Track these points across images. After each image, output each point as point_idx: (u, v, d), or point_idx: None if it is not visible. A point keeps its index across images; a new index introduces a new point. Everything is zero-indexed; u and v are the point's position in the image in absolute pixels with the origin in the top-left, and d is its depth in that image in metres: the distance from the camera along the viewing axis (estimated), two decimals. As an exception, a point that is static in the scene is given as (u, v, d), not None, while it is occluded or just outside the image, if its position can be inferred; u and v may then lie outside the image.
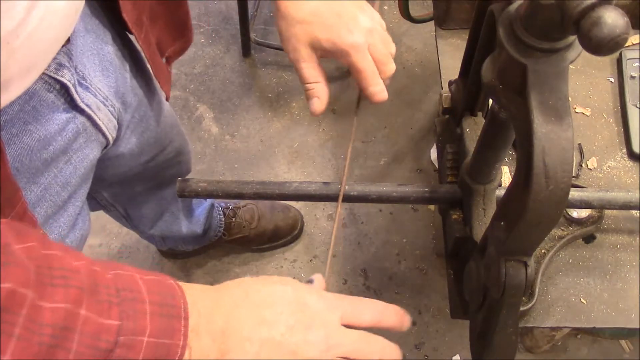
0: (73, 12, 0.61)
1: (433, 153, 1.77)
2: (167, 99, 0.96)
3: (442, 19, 1.08)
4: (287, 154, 1.83)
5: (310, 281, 0.64)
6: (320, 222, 1.72)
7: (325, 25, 0.71)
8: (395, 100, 1.90)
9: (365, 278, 1.64)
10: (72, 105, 0.70)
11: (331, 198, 0.85)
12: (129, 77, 0.84)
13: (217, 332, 0.54)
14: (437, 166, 1.16)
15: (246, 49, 1.95)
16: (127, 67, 0.84)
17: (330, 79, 0.76)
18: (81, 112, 0.71)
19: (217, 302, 0.55)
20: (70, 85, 0.68)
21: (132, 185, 1.13)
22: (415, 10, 1.51)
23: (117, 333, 0.46)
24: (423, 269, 1.65)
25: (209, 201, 1.52)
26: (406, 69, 1.95)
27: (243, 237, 1.63)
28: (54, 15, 0.56)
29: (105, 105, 0.76)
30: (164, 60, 0.89)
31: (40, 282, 0.43)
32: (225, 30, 2.02)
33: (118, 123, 0.82)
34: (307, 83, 0.74)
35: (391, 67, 0.76)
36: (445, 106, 0.94)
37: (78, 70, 0.70)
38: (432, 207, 1.72)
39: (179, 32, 0.89)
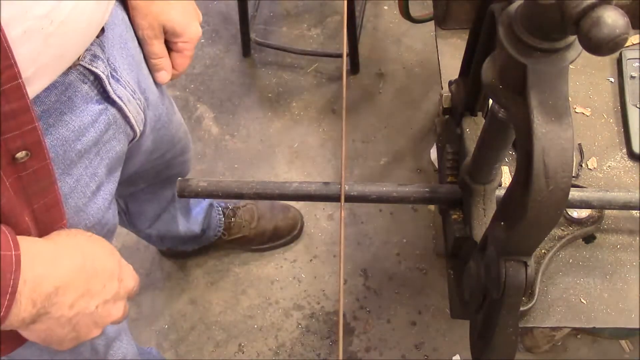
0: (105, 1, 0.63)
1: (433, 153, 1.76)
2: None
3: (442, 19, 1.08)
4: (287, 154, 1.83)
5: None
6: (320, 222, 1.72)
7: (167, 5, 0.82)
8: (395, 100, 1.90)
9: (365, 278, 1.64)
10: (105, 96, 0.71)
11: (331, 198, 0.85)
12: (147, 73, 0.86)
13: (42, 295, 0.58)
14: (437, 166, 1.16)
15: (246, 49, 1.95)
16: (144, 61, 0.85)
17: (330, 78, 0.76)
18: (113, 103, 0.73)
19: (53, 267, 0.60)
20: (103, 77, 0.69)
21: (137, 181, 1.13)
22: (415, 10, 1.50)
23: None
24: (423, 269, 1.65)
25: (207, 201, 1.52)
26: (406, 69, 1.95)
27: (243, 237, 1.63)
28: (87, 3, 0.58)
29: (134, 98, 0.77)
30: None
31: None
32: (225, 30, 2.02)
33: (145, 119, 0.84)
34: (156, 58, 0.84)
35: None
36: (445, 106, 0.94)
37: (110, 62, 0.72)
38: (432, 207, 1.71)
39: None
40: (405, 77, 1.94)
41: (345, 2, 1.22)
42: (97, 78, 0.68)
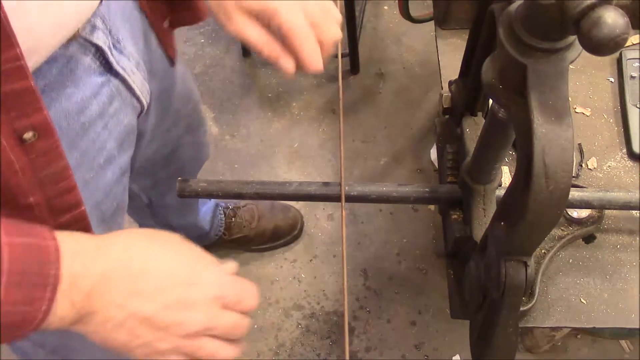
0: None
1: (433, 153, 1.76)
2: (173, 64, 0.92)
3: (442, 19, 1.08)
4: (287, 154, 1.83)
5: None
6: (320, 222, 1.72)
7: None
8: (395, 100, 1.90)
9: (365, 278, 1.64)
10: (107, 68, 0.70)
11: (331, 198, 0.85)
12: (154, 47, 0.83)
13: (81, 294, 0.52)
14: (437, 166, 1.16)
15: (246, 49, 1.95)
16: (152, 34, 0.82)
17: (330, 78, 0.76)
18: (116, 75, 0.71)
19: (92, 263, 0.53)
20: (105, 48, 0.68)
21: (155, 171, 1.12)
22: (415, 10, 1.51)
23: None
24: (423, 269, 1.65)
25: (213, 200, 1.52)
26: (406, 69, 1.95)
27: (243, 236, 1.63)
28: None
29: (138, 69, 0.75)
30: (166, 24, 0.86)
31: None
32: (225, 30, 2.02)
33: (151, 92, 0.81)
34: (261, 48, 0.68)
35: (334, 32, 0.69)
36: (445, 106, 0.94)
37: (112, 34, 0.70)
38: (432, 207, 1.71)
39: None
40: (405, 77, 1.94)
41: (340, 3, 1.22)
42: (98, 49, 0.67)
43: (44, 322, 0.51)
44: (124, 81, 0.73)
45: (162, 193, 1.24)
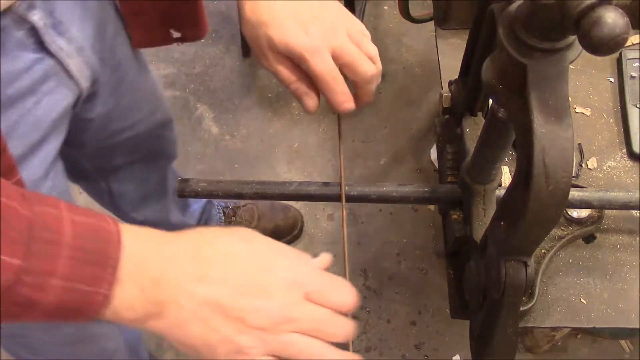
0: None
1: (433, 153, 1.76)
2: (134, 46, 0.94)
3: (442, 19, 1.08)
4: (287, 154, 1.83)
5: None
6: (320, 222, 1.72)
7: (279, 25, 0.66)
8: (395, 100, 1.90)
9: (365, 278, 1.64)
10: (42, 47, 0.71)
11: (331, 198, 0.85)
12: (111, 36, 0.85)
13: (148, 280, 0.50)
14: (437, 166, 1.16)
15: (246, 49, 1.95)
16: (111, 24, 0.85)
17: (330, 78, 0.75)
18: (51, 55, 0.72)
19: (158, 248, 0.52)
20: (41, 26, 0.69)
21: (113, 156, 1.13)
22: (415, 10, 1.51)
23: (17, 272, 0.45)
24: (423, 269, 1.65)
25: (204, 200, 1.54)
26: (406, 69, 1.95)
27: None
28: None
29: (79, 54, 0.77)
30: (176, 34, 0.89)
31: None
32: (225, 30, 2.02)
33: (94, 78, 0.83)
34: (288, 85, 0.70)
35: (368, 68, 0.70)
36: (445, 106, 0.94)
37: (54, 15, 0.71)
38: (432, 207, 1.71)
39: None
40: (405, 77, 1.94)
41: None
42: (33, 27, 0.68)
43: (107, 307, 0.49)
44: (60, 62, 0.74)
45: (121, 180, 1.23)
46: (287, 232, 1.67)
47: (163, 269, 0.51)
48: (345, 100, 0.70)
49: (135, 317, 0.51)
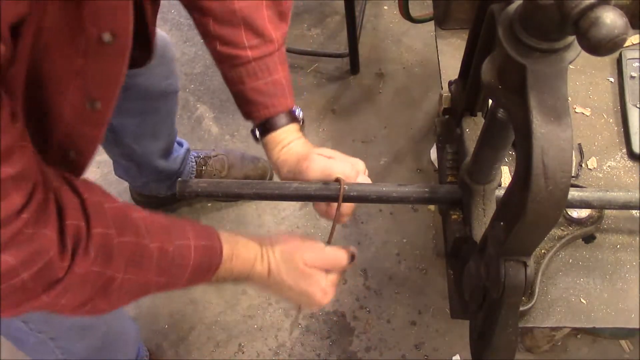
0: None
1: (433, 153, 1.76)
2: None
3: (442, 19, 1.09)
4: (287, 154, 1.83)
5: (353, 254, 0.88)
6: (320, 222, 1.72)
7: None
8: (395, 100, 1.90)
9: (365, 278, 1.64)
10: None
11: (331, 198, 0.85)
12: None
13: (231, 277, 0.79)
14: (437, 166, 1.16)
15: (246, 49, 1.95)
16: None
17: (330, 79, 0.76)
18: None
19: (271, 279, 0.82)
20: None
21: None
22: (415, 10, 1.51)
23: (158, 287, 0.72)
24: (423, 269, 1.65)
25: (185, 145, 1.60)
26: (406, 69, 1.95)
27: None
28: None
29: None
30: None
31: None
32: (226, 30, 2.02)
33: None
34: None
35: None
36: (445, 106, 0.94)
37: None
38: (432, 207, 1.71)
39: None
40: (405, 77, 1.94)
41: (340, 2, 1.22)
42: None
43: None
44: None
45: (120, 112, 1.27)
46: (256, 182, 1.75)
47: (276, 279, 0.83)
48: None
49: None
